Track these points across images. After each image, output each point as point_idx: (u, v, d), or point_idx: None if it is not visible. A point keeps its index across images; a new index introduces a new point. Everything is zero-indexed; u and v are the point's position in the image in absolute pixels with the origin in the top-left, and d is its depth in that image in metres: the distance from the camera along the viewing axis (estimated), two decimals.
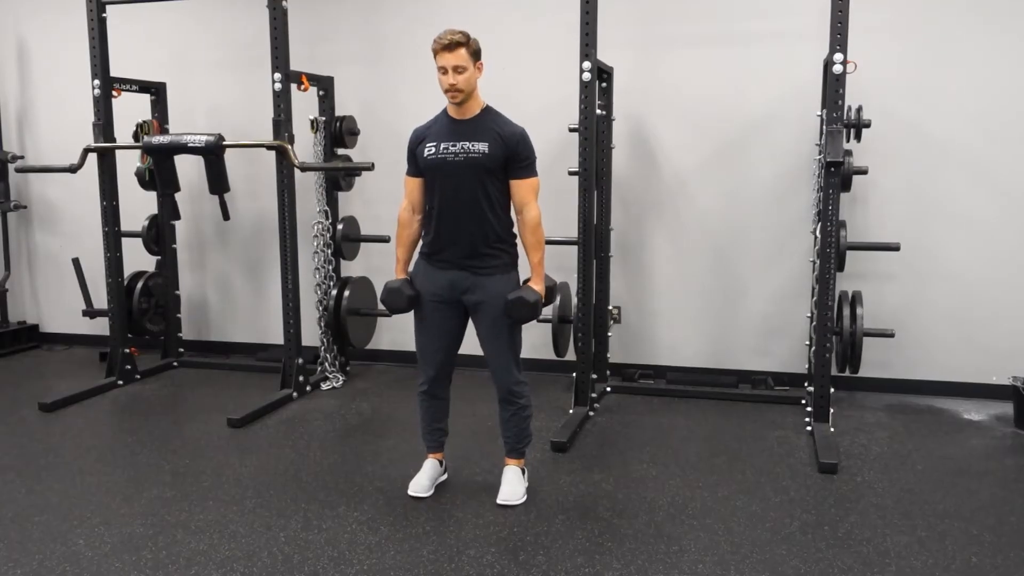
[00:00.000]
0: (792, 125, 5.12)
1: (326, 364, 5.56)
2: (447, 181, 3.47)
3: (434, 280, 3.56)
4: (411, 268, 3.69)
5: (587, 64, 4.52)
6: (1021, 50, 4.84)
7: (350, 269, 5.82)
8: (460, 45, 3.38)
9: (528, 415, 3.71)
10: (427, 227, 3.59)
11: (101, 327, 5.95)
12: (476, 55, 3.44)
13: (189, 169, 5.72)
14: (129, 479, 3.98)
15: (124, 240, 5.60)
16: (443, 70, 3.39)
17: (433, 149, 3.47)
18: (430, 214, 3.55)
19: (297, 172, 5.11)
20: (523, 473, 3.74)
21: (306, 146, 5.43)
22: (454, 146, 3.45)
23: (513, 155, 3.46)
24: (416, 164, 3.56)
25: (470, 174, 3.44)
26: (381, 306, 5.65)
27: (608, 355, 5.33)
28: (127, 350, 5.59)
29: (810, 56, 4.88)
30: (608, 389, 5.25)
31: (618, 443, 4.42)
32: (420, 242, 3.65)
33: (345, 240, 5.55)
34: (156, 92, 5.90)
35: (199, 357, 6.18)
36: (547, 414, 4.74)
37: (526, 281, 3.55)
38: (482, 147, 3.43)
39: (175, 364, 6.02)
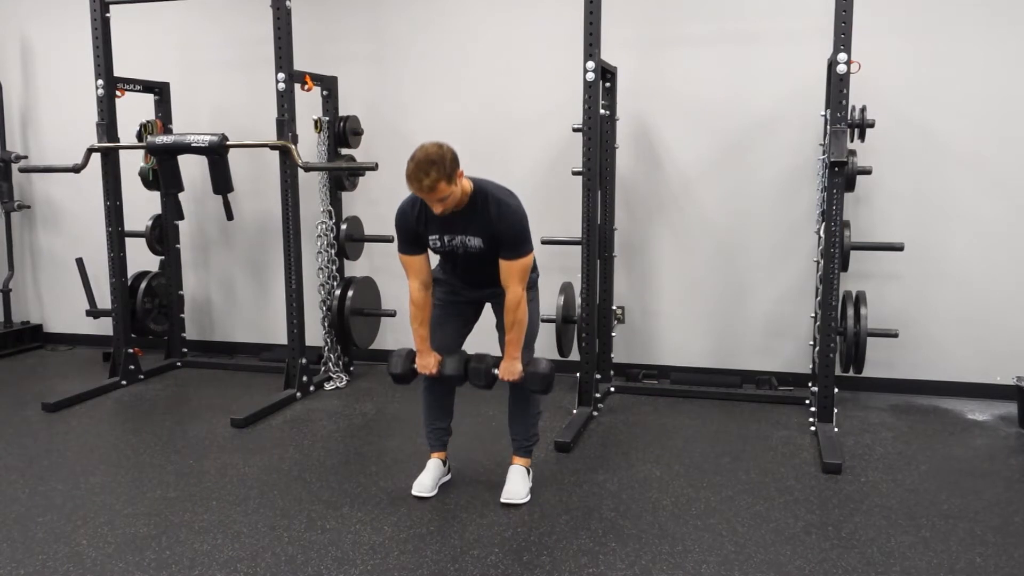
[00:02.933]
0: (796, 125, 5.11)
1: (330, 364, 5.55)
2: (455, 257, 3.55)
3: (456, 277, 3.67)
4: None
5: (591, 64, 4.51)
6: None
7: (354, 269, 5.82)
8: (435, 185, 3.20)
9: (538, 411, 3.75)
10: (440, 269, 3.70)
11: (105, 327, 5.96)
12: (453, 171, 3.25)
13: (193, 169, 5.73)
14: (132, 479, 3.98)
15: (128, 240, 5.61)
16: (427, 201, 3.32)
17: (438, 241, 3.49)
18: (441, 265, 3.68)
19: (301, 172, 5.11)
20: (528, 473, 3.74)
21: (310, 146, 5.44)
22: (455, 239, 3.47)
23: (501, 239, 3.42)
24: (417, 243, 3.53)
25: (475, 257, 3.49)
26: (384, 307, 5.71)
27: (612, 355, 5.33)
28: (131, 350, 5.59)
29: (814, 56, 4.87)
30: (612, 389, 5.25)
31: (622, 443, 4.41)
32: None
33: (349, 240, 5.55)
34: (160, 92, 5.91)
35: (203, 357, 6.19)
36: (551, 414, 4.73)
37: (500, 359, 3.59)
38: (477, 242, 3.44)
39: (179, 364, 6.02)
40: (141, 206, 5.88)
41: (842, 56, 4.17)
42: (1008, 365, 4.98)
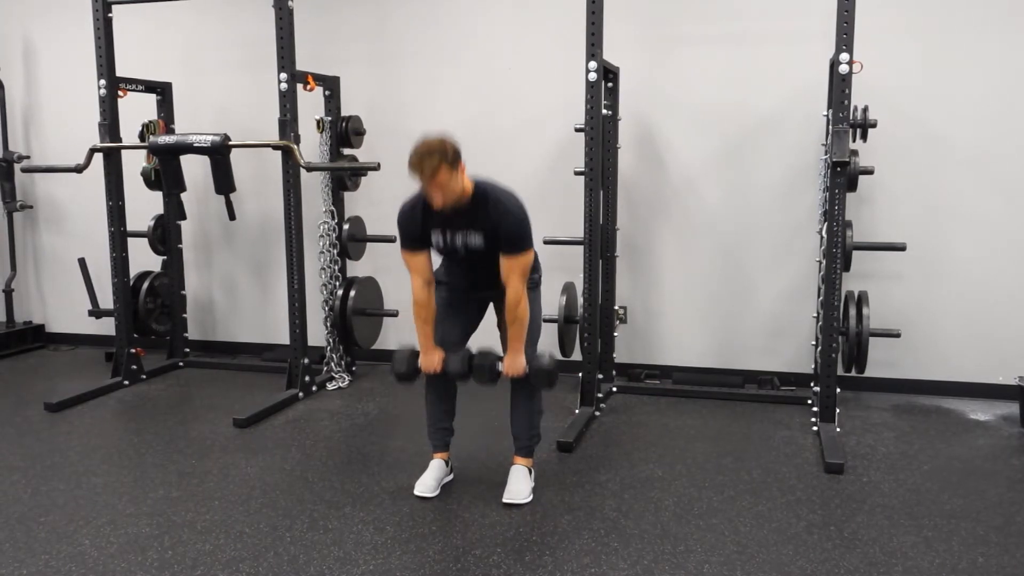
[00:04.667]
0: (798, 125, 5.11)
1: (332, 364, 5.56)
2: (456, 256, 3.56)
3: (458, 278, 3.68)
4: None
5: (593, 64, 4.52)
6: None
7: (356, 269, 5.83)
8: (436, 170, 3.23)
9: (540, 409, 3.75)
10: (442, 269, 3.71)
11: (107, 327, 5.96)
12: (455, 162, 3.27)
13: (195, 169, 5.73)
14: (135, 479, 3.98)
15: (130, 240, 5.61)
16: (427, 190, 3.33)
17: (440, 240, 3.50)
18: (444, 265, 3.69)
19: (303, 172, 5.12)
20: (530, 473, 3.74)
21: (312, 146, 5.44)
22: (456, 237, 3.48)
23: (503, 238, 3.42)
24: (419, 241, 3.53)
25: (477, 256, 3.50)
26: (387, 307, 5.71)
27: (614, 355, 5.33)
28: (133, 350, 5.60)
29: (816, 56, 4.87)
30: (614, 389, 5.25)
31: (624, 443, 4.41)
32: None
33: (351, 240, 5.55)
34: (162, 92, 5.91)
35: (205, 357, 6.19)
36: (553, 414, 4.72)
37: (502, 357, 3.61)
38: (478, 240, 3.45)
39: (181, 364, 6.03)
40: (143, 206, 5.87)
41: (844, 56, 4.17)
42: (1010, 365, 4.98)
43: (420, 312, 3.59)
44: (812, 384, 4.96)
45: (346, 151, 5.60)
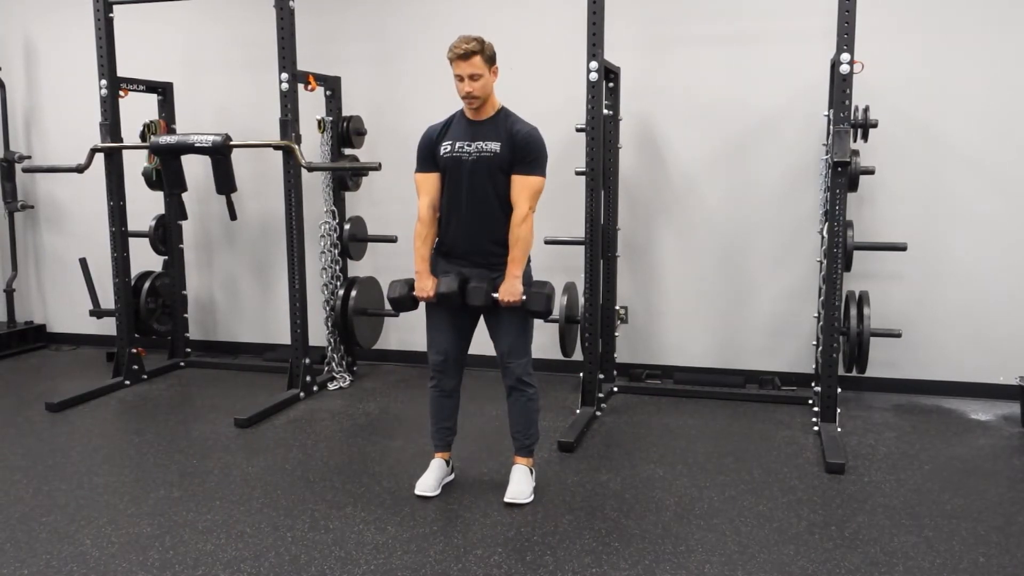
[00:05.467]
0: (799, 125, 5.11)
1: (333, 364, 5.56)
2: (461, 180, 3.52)
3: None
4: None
5: (594, 64, 4.52)
6: None
7: (357, 269, 5.83)
8: (475, 53, 3.39)
9: (537, 408, 3.74)
10: (439, 226, 3.64)
11: (108, 327, 5.96)
12: (491, 60, 3.47)
13: (196, 169, 5.73)
14: (136, 479, 3.98)
15: (131, 240, 5.62)
16: (459, 78, 3.43)
17: (449, 147, 3.53)
18: (442, 213, 3.62)
19: (304, 172, 5.12)
20: (531, 473, 3.74)
21: (313, 146, 5.44)
22: (469, 145, 3.50)
23: (518, 151, 3.48)
24: (432, 161, 3.58)
25: (483, 173, 3.49)
26: (388, 306, 5.70)
27: (615, 355, 5.33)
28: (134, 350, 5.60)
29: (817, 56, 4.87)
30: (615, 389, 5.25)
31: (625, 443, 4.41)
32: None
33: (352, 240, 5.55)
34: (163, 92, 5.92)
35: (206, 357, 6.19)
36: (554, 414, 4.73)
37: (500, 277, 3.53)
38: (494, 146, 3.48)
39: (182, 364, 6.03)
40: (144, 206, 5.88)
41: (845, 56, 4.17)
42: (1011, 365, 4.98)
43: (421, 231, 3.61)
44: (813, 384, 4.96)
45: (347, 151, 5.60)
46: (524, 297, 3.49)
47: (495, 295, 3.51)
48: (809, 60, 4.98)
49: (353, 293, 5.46)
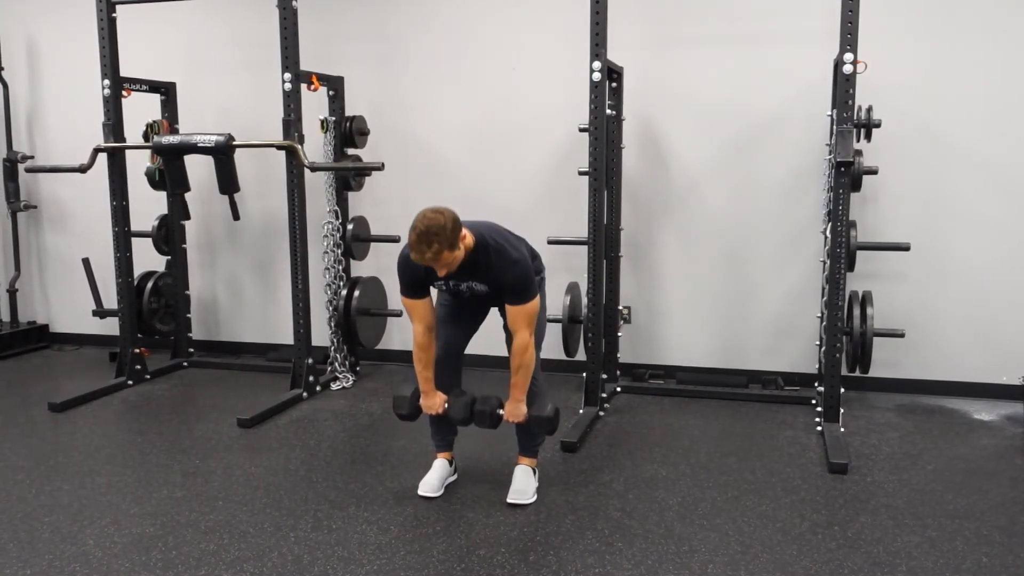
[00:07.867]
0: (802, 125, 5.11)
1: (336, 364, 5.56)
2: (461, 301, 3.61)
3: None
4: None
5: (597, 64, 4.52)
6: None
7: (360, 269, 5.83)
8: (439, 253, 3.18)
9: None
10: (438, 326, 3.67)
11: (111, 327, 5.96)
12: (455, 240, 3.21)
13: (199, 169, 5.73)
14: (139, 479, 3.99)
15: (134, 240, 5.62)
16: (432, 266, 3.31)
17: (443, 285, 3.52)
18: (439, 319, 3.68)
19: (307, 172, 5.12)
20: (534, 473, 3.74)
21: (316, 146, 5.43)
22: (462, 284, 3.49)
23: (506, 289, 3.43)
24: (423, 288, 3.50)
25: (481, 299, 3.56)
26: (390, 307, 5.71)
27: (618, 355, 5.32)
28: (137, 350, 5.61)
29: (820, 56, 4.86)
30: (618, 389, 5.25)
31: (628, 443, 4.41)
32: None
33: (355, 240, 5.55)
34: (166, 92, 5.91)
35: (209, 357, 6.19)
36: None
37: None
38: (483, 287, 3.48)
39: (185, 364, 6.03)
40: (147, 206, 5.88)
41: (848, 56, 4.17)
42: (1014, 365, 4.97)
43: (421, 357, 3.55)
44: (816, 384, 4.96)
45: (350, 151, 5.60)
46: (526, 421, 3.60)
47: (500, 412, 3.60)
48: (812, 60, 4.97)
49: (356, 293, 5.45)
